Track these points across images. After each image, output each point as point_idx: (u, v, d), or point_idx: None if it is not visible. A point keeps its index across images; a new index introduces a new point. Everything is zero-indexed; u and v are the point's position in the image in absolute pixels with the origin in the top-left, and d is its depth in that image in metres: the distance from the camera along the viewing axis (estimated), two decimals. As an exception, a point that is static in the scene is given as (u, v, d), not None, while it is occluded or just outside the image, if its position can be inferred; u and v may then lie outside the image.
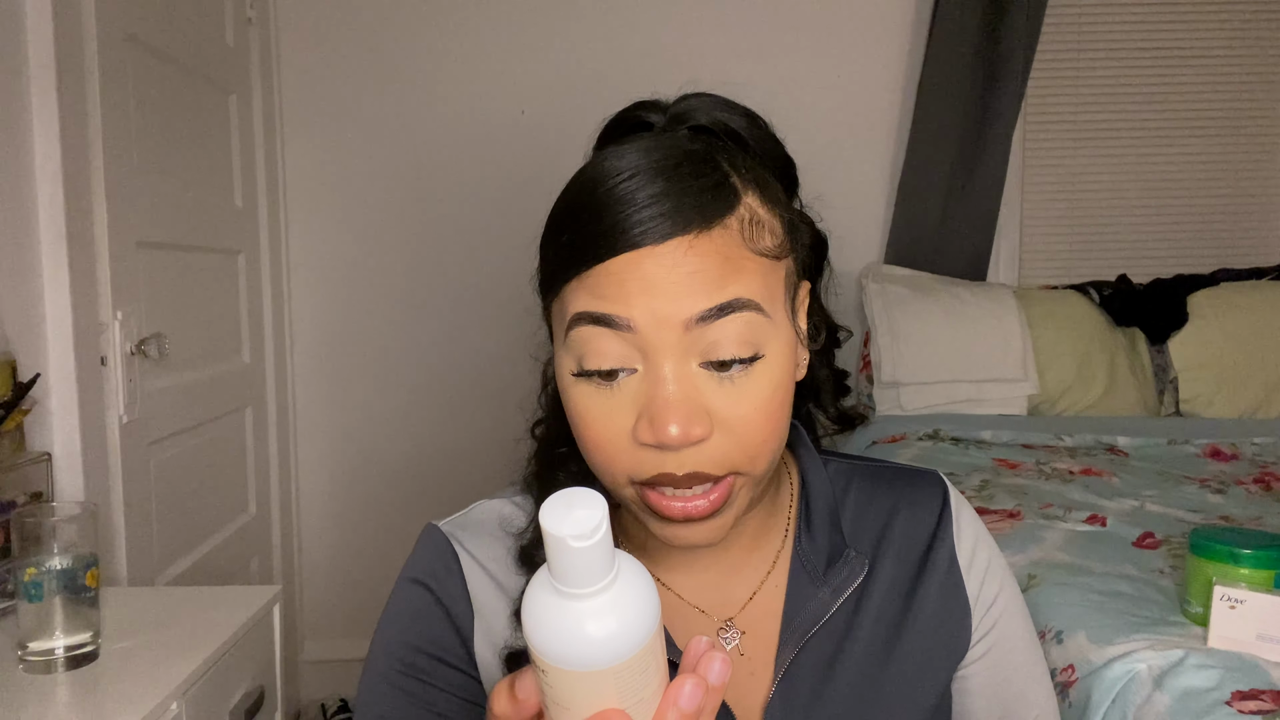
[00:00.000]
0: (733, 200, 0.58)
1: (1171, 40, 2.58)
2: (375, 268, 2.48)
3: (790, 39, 2.47)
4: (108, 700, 1.01)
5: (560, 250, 0.59)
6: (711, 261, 0.56)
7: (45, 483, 1.29)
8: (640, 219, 0.55)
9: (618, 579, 0.39)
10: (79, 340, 1.43)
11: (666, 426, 0.54)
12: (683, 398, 0.55)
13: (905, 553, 0.69)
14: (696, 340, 0.55)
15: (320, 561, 2.52)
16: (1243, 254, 2.59)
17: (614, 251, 0.56)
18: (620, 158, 0.58)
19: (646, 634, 0.39)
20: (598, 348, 0.56)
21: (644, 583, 0.40)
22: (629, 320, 0.55)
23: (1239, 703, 0.94)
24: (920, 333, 2.26)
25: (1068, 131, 2.61)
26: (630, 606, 0.39)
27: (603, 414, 0.57)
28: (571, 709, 0.40)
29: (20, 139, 1.36)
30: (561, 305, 0.59)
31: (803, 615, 0.66)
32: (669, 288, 0.55)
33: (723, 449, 0.56)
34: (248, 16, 2.20)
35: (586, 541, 0.38)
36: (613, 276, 0.56)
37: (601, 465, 0.59)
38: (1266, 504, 1.60)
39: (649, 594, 0.40)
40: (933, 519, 0.70)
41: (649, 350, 0.56)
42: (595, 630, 0.38)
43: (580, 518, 0.38)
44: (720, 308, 0.55)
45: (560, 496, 0.39)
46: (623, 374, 0.56)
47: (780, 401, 0.59)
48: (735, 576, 0.68)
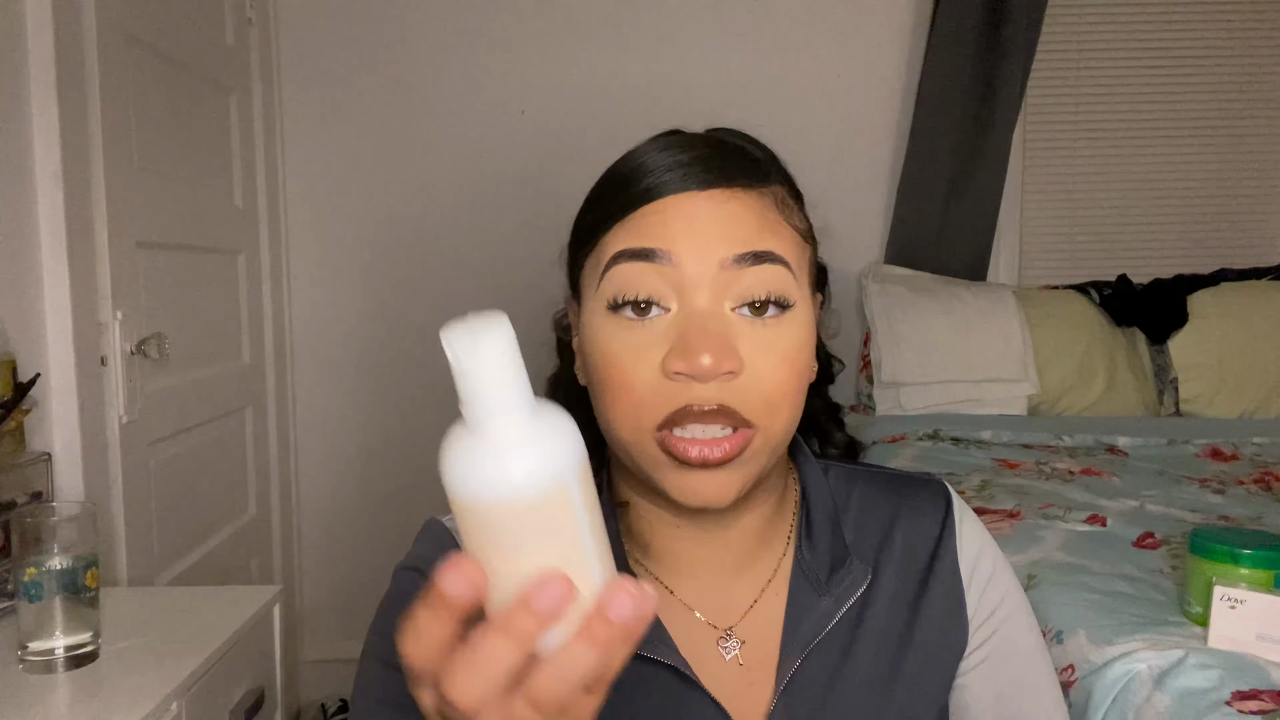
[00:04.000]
0: (770, 175, 0.62)
1: (1171, 40, 2.58)
2: (375, 268, 2.48)
3: (791, 39, 2.47)
4: (108, 700, 1.01)
5: (602, 206, 0.62)
6: (751, 214, 0.59)
7: (45, 483, 1.29)
8: (685, 167, 0.59)
9: (537, 414, 0.37)
10: (79, 340, 1.43)
11: (700, 355, 0.54)
12: (717, 330, 0.56)
13: (908, 562, 0.68)
14: (732, 282, 0.57)
15: (320, 561, 2.52)
16: (1243, 254, 2.59)
17: (658, 194, 0.59)
18: (661, 137, 0.63)
19: (564, 470, 0.36)
20: (635, 280, 0.58)
21: (566, 424, 0.38)
22: (670, 252, 0.57)
23: (1239, 703, 0.94)
24: (920, 333, 2.26)
25: (1068, 131, 2.61)
26: (549, 438, 0.36)
27: (633, 349, 0.57)
28: (494, 554, 0.37)
29: (20, 139, 1.36)
30: (598, 255, 0.61)
31: (805, 625, 0.65)
32: (711, 226, 0.58)
33: (749, 392, 0.57)
34: (248, 16, 2.20)
35: (493, 357, 0.35)
36: (657, 216, 0.58)
37: (625, 408, 0.58)
38: (1266, 504, 1.60)
39: (571, 434, 0.37)
40: (936, 528, 0.70)
41: (685, 287, 0.57)
42: (510, 457, 0.36)
43: (484, 336, 0.35)
44: (757, 254, 0.58)
45: (460, 323, 0.36)
46: (656, 310, 0.57)
47: (805, 362, 0.60)
48: (737, 583, 0.67)
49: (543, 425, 0.37)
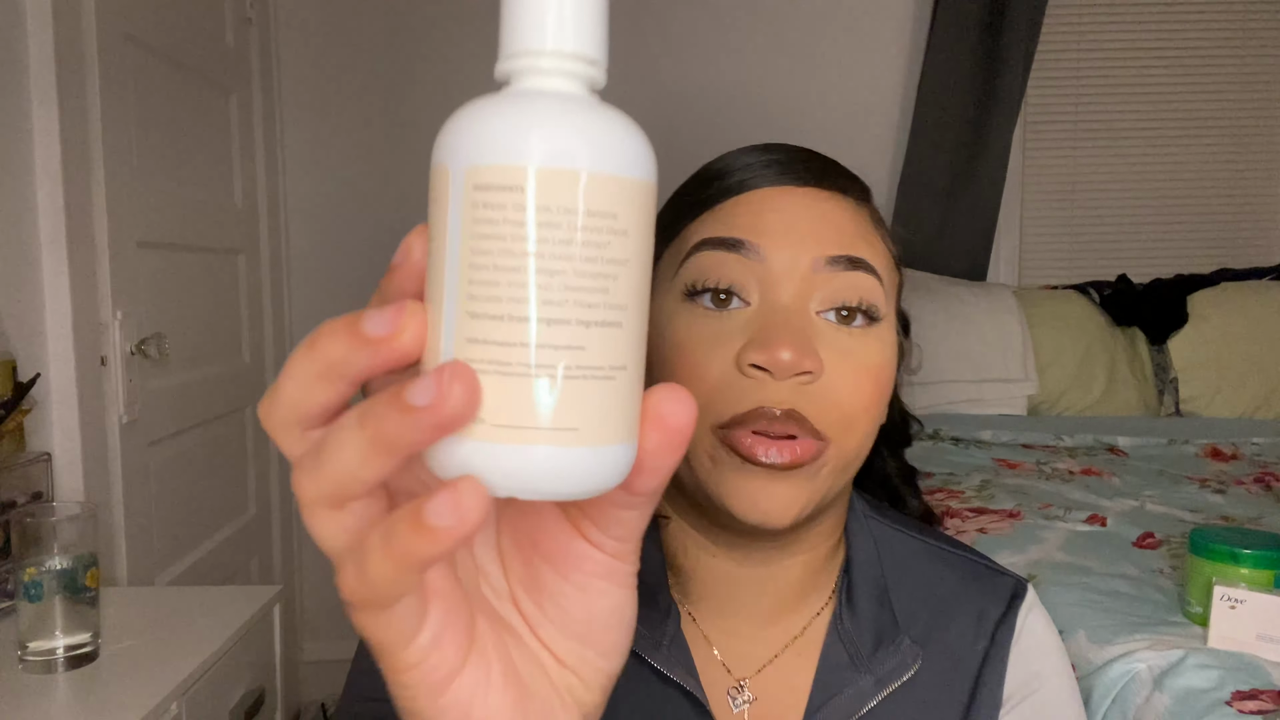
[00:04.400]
0: (866, 192, 0.59)
1: (1171, 40, 2.58)
2: (375, 268, 2.48)
3: (791, 39, 2.47)
4: (108, 700, 1.01)
5: (689, 195, 0.57)
6: (846, 219, 0.55)
7: (45, 483, 1.29)
8: (780, 165, 0.56)
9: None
10: (79, 340, 1.43)
11: (780, 348, 0.50)
12: (800, 328, 0.52)
13: (962, 659, 0.60)
14: (821, 285, 0.53)
15: (320, 561, 2.52)
16: (1243, 254, 2.59)
17: (752, 186, 0.55)
18: (750, 146, 0.59)
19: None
20: (717, 268, 0.53)
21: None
22: (758, 246, 0.53)
23: (1239, 703, 0.94)
24: (920, 333, 2.25)
25: (1068, 131, 2.61)
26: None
27: (707, 339, 0.53)
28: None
29: (20, 139, 1.36)
30: (679, 244, 0.57)
31: (837, 701, 0.57)
32: (805, 223, 0.54)
33: (824, 400, 0.52)
34: (248, 16, 2.20)
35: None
36: (748, 207, 0.55)
37: None
38: (1266, 504, 1.60)
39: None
40: (984, 640, 0.61)
41: (770, 282, 0.53)
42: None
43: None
44: (852, 259, 0.54)
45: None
46: (736, 303, 0.53)
47: (886, 381, 0.55)
48: (764, 632, 0.60)
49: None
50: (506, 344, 0.25)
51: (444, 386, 0.24)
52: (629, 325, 0.26)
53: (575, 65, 0.27)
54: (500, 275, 0.25)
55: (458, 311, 0.25)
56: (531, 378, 0.25)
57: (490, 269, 0.25)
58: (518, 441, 0.25)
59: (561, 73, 0.27)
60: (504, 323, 0.25)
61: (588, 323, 0.25)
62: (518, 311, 0.25)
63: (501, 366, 0.25)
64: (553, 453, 0.25)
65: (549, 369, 0.25)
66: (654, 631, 0.57)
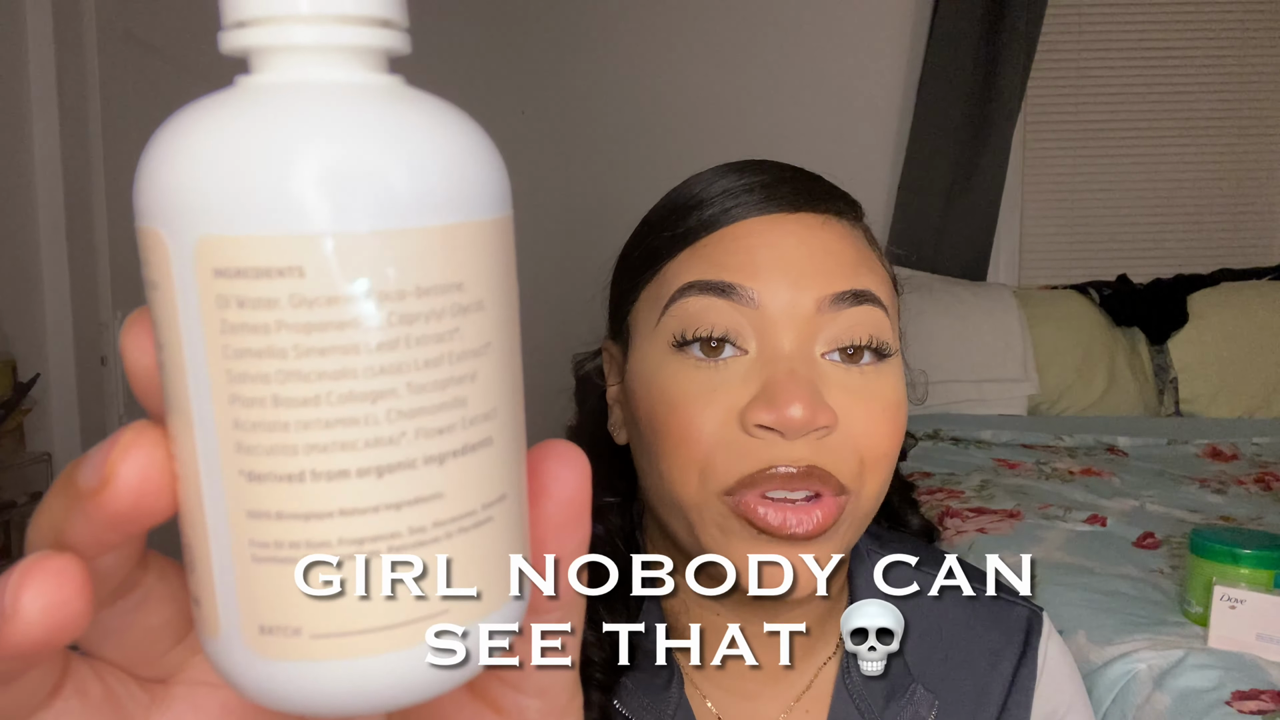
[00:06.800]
0: (858, 209, 0.54)
1: (1171, 40, 2.58)
2: (375, 268, 2.48)
3: (791, 39, 2.47)
4: (108, 700, 1.00)
5: (666, 229, 0.51)
6: (846, 246, 0.50)
7: (45, 483, 1.29)
8: (766, 188, 0.50)
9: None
10: (79, 340, 1.43)
11: (789, 404, 0.45)
12: (808, 378, 0.47)
13: (981, 708, 0.57)
14: (824, 326, 0.48)
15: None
16: (1243, 254, 2.59)
17: (736, 217, 0.49)
18: (726, 165, 0.53)
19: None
20: (707, 315, 0.48)
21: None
22: (753, 292, 0.48)
23: (1239, 703, 0.94)
24: (920, 332, 2.26)
25: (1068, 131, 2.61)
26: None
27: (700, 394, 0.47)
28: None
29: (20, 139, 1.36)
30: (659, 286, 0.51)
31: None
32: (802, 259, 0.48)
33: (842, 450, 0.47)
34: (248, 16, 2.20)
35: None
36: (737, 243, 0.49)
37: (687, 464, 0.48)
38: (1266, 504, 1.60)
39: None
40: (1003, 680, 0.57)
41: (769, 328, 0.48)
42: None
43: None
44: (857, 293, 0.49)
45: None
46: (730, 350, 0.48)
47: (903, 421, 0.51)
48: (768, 690, 0.56)
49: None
50: (316, 515, 0.16)
51: (113, 464, 0.17)
52: (503, 434, 0.18)
53: (358, 31, 0.17)
54: (286, 413, 0.16)
55: (222, 464, 0.16)
56: (361, 560, 0.16)
57: (268, 404, 0.16)
58: (351, 655, 0.17)
59: (337, 48, 0.17)
60: (305, 485, 0.16)
61: (441, 457, 0.17)
62: (326, 465, 0.16)
63: (312, 550, 0.16)
64: (404, 657, 0.17)
65: (389, 540, 0.16)
66: (657, 701, 0.53)
